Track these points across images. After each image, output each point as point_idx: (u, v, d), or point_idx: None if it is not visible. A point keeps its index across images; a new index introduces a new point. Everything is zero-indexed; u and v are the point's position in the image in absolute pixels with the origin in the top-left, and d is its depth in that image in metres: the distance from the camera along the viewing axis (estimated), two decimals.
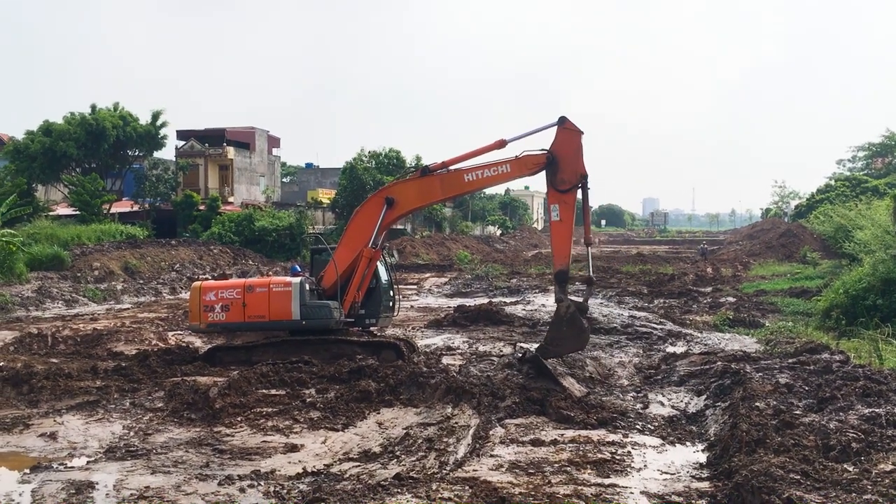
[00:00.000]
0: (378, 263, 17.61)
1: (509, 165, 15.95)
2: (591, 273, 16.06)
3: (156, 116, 49.22)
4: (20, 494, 9.08)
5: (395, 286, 18.84)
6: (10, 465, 10.43)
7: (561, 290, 15.32)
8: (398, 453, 10.51)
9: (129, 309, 28.52)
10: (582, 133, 15.47)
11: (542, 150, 15.55)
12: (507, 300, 29.86)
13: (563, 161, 15.34)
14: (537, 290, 33.60)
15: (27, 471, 9.94)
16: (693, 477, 9.66)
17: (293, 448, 10.84)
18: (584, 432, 11.59)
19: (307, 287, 16.87)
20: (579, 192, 15.45)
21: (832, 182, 69.36)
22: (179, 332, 22.06)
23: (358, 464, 10.12)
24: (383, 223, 16.75)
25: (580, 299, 15.52)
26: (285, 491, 9.07)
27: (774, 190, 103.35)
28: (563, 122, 15.44)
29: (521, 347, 16.30)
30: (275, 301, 16.79)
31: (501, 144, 15.93)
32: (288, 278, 17.39)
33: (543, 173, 15.63)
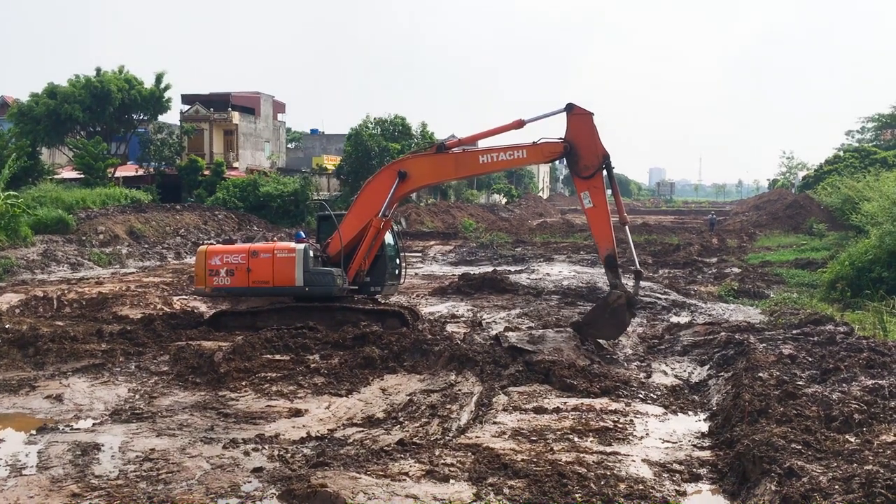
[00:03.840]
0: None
1: (526, 151, 15.84)
2: (638, 265, 15.97)
3: (159, 78, 48.84)
4: (26, 455, 9.17)
5: (402, 255, 18.82)
6: (16, 426, 10.54)
7: (614, 276, 15.12)
8: (401, 419, 10.57)
9: (133, 273, 28.60)
10: (592, 114, 15.30)
11: (560, 138, 15.43)
12: (512, 269, 29.87)
13: (581, 147, 15.25)
14: (542, 259, 33.60)
15: (33, 432, 10.03)
16: (695, 446, 9.70)
17: (297, 413, 10.91)
18: (586, 401, 11.62)
19: (311, 254, 16.87)
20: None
21: (840, 153, 68.85)
22: (184, 296, 22.13)
23: (361, 429, 10.18)
24: (394, 196, 16.68)
25: (631, 289, 15.28)
26: (289, 455, 9.14)
27: (782, 161, 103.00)
28: (571, 109, 15.30)
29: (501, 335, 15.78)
30: (279, 267, 16.81)
31: (520, 125, 15.78)
32: (292, 244, 17.38)
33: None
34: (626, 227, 15.88)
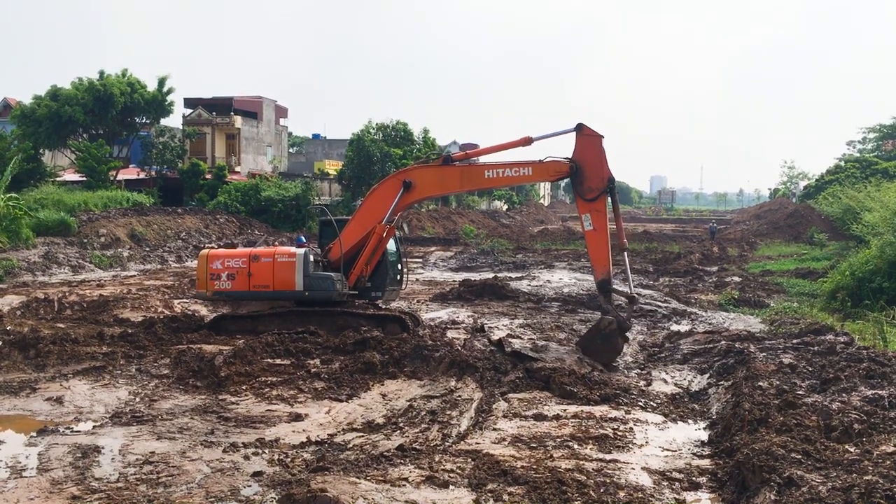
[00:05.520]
0: None
1: (531, 169, 15.78)
2: (633, 290, 15.71)
3: (162, 82, 48.96)
4: (27, 457, 9.18)
5: (404, 260, 18.80)
6: (17, 427, 10.55)
7: (606, 301, 15.04)
8: (401, 425, 10.58)
9: (134, 276, 28.63)
10: (602, 137, 15.18)
11: (567, 158, 15.33)
12: (513, 275, 29.88)
13: (587, 168, 15.13)
14: (543, 266, 33.63)
15: (34, 434, 10.05)
16: (694, 454, 9.71)
17: (297, 417, 10.92)
18: (586, 408, 11.62)
19: (311, 258, 16.91)
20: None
21: (842, 163, 68.94)
22: (185, 300, 22.14)
23: (361, 434, 10.19)
24: (399, 205, 16.67)
25: (623, 313, 15.20)
26: (289, 459, 9.15)
27: (783, 170, 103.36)
28: (580, 130, 15.17)
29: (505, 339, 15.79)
30: (279, 271, 16.86)
31: (527, 142, 15.74)
32: (293, 249, 17.44)
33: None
34: (626, 253, 15.76)
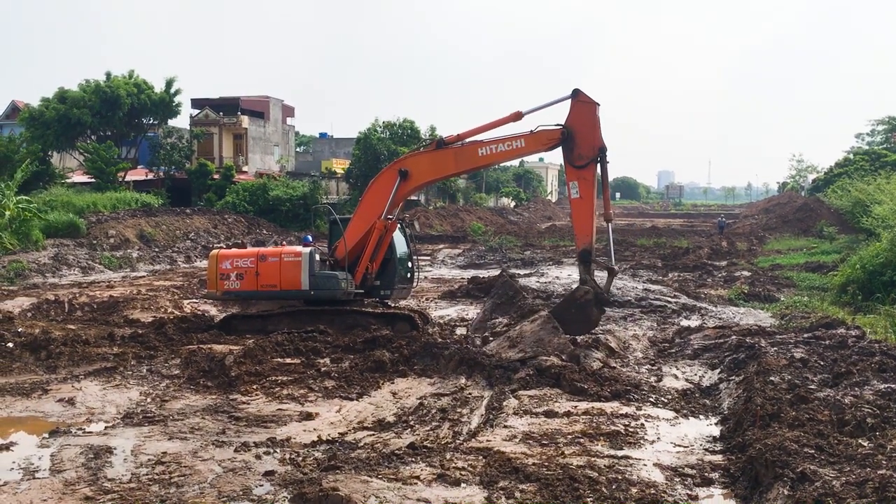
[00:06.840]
0: (398, 235, 17.57)
1: (524, 140, 15.49)
2: (613, 262, 15.41)
3: (170, 83, 49.18)
4: (39, 458, 9.21)
5: (415, 258, 18.75)
6: (29, 429, 10.58)
7: (586, 271, 14.80)
8: (412, 423, 10.58)
9: (144, 277, 28.72)
10: (598, 105, 14.89)
11: (558, 125, 15.05)
12: (521, 272, 29.81)
13: (578, 135, 14.84)
14: (551, 263, 33.59)
15: (46, 435, 10.08)
16: (706, 450, 9.67)
17: (308, 416, 10.93)
18: (597, 404, 11.59)
19: (317, 257, 16.92)
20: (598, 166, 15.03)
21: (850, 156, 68.54)
22: (195, 300, 22.21)
23: (372, 433, 10.19)
24: (397, 195, 16.60)
25: (602, 286, 14.93)
26: (301, 458, 9.16)
27: (791, 164, 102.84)
28: (576, 95, 14.89)
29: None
30: (285, 271, 16.90)
31: (518, 117, 15.51)
32: (298, 248, 17.47)
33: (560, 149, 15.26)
34: (610, 225, 15.35)
